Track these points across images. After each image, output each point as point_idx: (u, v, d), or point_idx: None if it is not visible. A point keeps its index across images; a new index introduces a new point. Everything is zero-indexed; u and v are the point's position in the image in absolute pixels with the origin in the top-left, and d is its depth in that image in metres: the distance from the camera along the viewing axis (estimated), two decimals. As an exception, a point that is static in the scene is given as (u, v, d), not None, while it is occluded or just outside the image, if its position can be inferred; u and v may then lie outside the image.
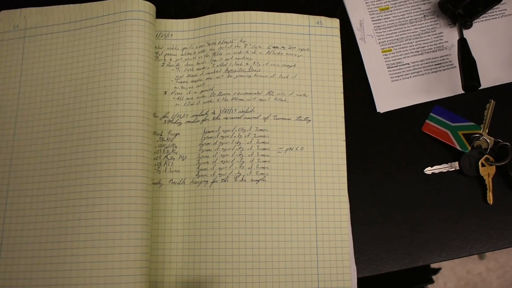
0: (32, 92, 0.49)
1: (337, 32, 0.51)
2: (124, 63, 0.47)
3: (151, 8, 0.49)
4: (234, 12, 0.51)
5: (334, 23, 0.51)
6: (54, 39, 0.50)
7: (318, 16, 0.51)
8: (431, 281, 0.78)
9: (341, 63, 0.50)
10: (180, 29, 0.52)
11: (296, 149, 0.48)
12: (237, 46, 0.50)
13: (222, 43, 0.50)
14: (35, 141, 0.48)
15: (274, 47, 0.50)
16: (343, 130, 0.49)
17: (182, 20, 0.52)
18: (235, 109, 0.48)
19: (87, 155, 0.45)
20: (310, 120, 0.49)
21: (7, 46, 0.51)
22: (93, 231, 0.43)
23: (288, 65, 0.50)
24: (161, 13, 0.52)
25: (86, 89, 0.47)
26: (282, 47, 0.50)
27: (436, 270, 0.87)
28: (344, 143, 0.48)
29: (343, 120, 0.49)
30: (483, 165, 0.48)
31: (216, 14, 0.51)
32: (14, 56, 0.51)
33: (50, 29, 0.51)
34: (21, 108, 0.49)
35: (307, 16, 0.51)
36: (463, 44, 0.49)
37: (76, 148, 0.46)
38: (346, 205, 0.47)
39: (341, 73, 0.50)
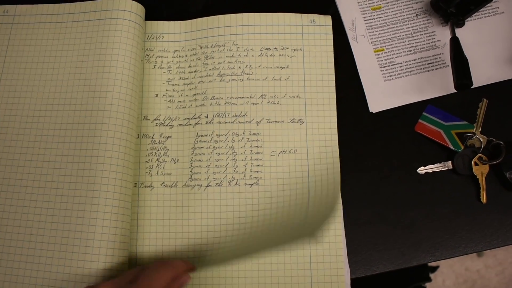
0: (13, 80, 0.49)
1: (330, 30, 0.51)
2: (104, 63, 0.46)
3: (139, 8, 0.49)
4: (226, 15, 0.51)
5: (327, 21, 0.51)
6: (40, 29, 0.50)
7: (311, 14, 0.51)
8: (429, 280, 0.78)
9: (333, 61, 0.50)
10: (172, 31, 0.52)
11: (290, 151, 0.48)
12: (229, 50, 0.50)
13: (214, 47, 0.50)
14: (10, 130, 0.47)
15: (266, 49, 0.50)
16: (335, 130, 0.48)
17: (173, 22, 0.52)
18: (228, 113, 0.48)
19: (61, 152, 0.45)
20: (303, 122, 0.48)
21: None
22: (62, 235, 0.43)
23: (281, 67, 0.50)
24: (152, 14, 0.52)
25: (66, 85, 0.47)
26: (275, 48, 0.50)
27: (434, 268, 0.87)
28: (337, 143, 0.48)
29: (335, 120, 0.49)
30: (476, 164, 0.48)
31: (208, 18, 0.51)
32: (0, 42, 0.50)
33: (37, 19, 0.50)
34: (1, 95, 0.48)
35: (299, 14, 0.51)
36: (455, 43, 0.49)
37: (50, 144, 0.46)
38: (340, 206, 0.47)
39: (333, 71, 0.50)
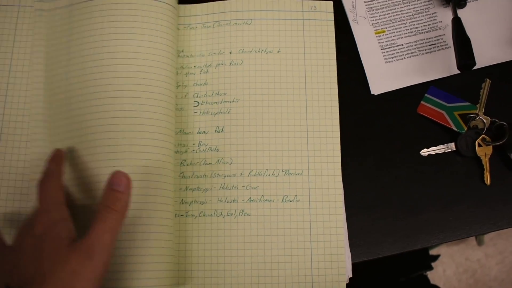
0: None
1: (331, 16, 0.50)
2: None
3: None
4: (225, 1, 0.49)
5: (328, 7, 0.50)
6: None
7: (312, 1, 0.50)
8: (430, 268, 0.77)
9: (335, 47, 0.49)
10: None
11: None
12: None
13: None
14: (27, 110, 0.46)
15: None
16: (337, 115, 0.48)
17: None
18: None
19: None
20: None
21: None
22: None
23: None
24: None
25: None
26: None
27: (435, 257, 0.86)
28: (338, 128, 0.47)
29: (337, 105, 0.48)
30: (479, 145, 0.47)
31: (208, 4, 0.50)
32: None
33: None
34: (12, 82, 0.47)
35: (300, 1, 0.50)
36: (457, 23, 0.49)
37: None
38: (341, 191, 0.46)
39: (335, 57, 0.49)
